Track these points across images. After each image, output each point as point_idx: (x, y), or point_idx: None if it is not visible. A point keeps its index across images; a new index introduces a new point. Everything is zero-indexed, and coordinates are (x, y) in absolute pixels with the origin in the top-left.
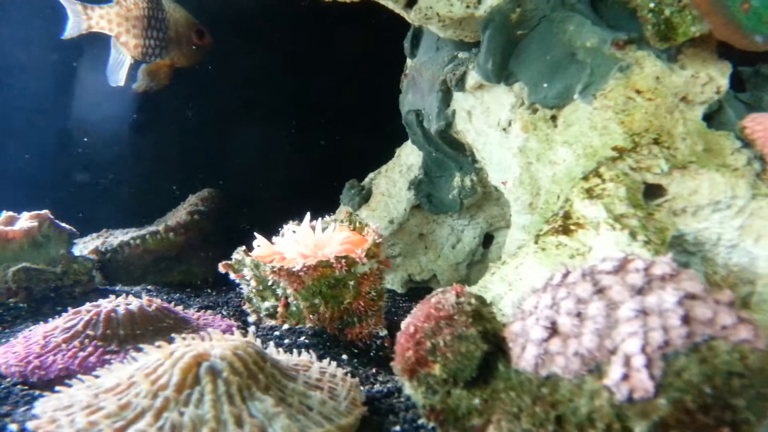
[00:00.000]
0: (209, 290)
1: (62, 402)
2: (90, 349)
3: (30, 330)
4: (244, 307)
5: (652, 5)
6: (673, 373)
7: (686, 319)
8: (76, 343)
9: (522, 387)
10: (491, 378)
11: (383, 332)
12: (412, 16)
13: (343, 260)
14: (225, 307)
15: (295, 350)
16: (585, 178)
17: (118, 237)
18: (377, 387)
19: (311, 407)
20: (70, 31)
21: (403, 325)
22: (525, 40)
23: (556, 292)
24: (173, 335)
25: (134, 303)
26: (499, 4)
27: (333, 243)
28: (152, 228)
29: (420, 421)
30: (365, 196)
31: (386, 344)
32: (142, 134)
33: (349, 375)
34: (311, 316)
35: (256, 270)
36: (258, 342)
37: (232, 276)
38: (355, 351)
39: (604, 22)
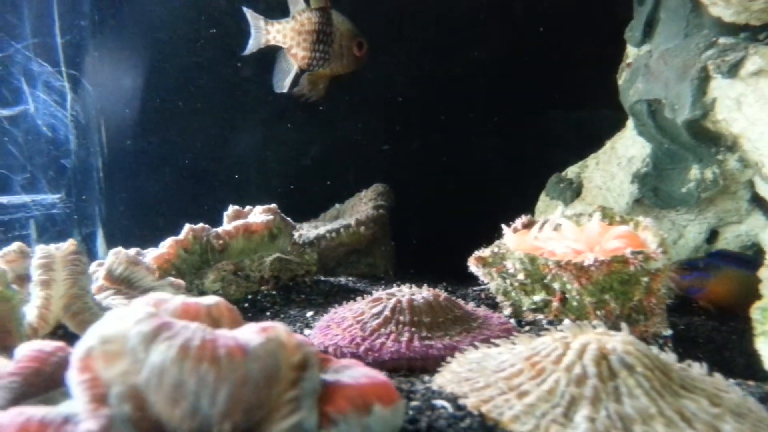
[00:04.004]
0: (399, 282)
1: (475, 384)
2: (407, 334)
3: (332, 314)
4: (497, 300)
5: None
6: None
7: None
8: (392, 327)
9: None
10: None
11: (668, 332)
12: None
13: (640, 255)
14: (464, 300)
15: None
16: None
17: (309, 230)
18: None
19: (741, 411)
20: (253, 45)
21: None
22: None
23: None
24: (468, 324)
25: (425, 293)
26: None
27: (608, 238)
28: (344, 222)
29: None
30: (576, 190)
31: (668, 345)
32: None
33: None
34: (597, 312)
35: (529, 264)
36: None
37: (476, 270)
38: None
39: None
